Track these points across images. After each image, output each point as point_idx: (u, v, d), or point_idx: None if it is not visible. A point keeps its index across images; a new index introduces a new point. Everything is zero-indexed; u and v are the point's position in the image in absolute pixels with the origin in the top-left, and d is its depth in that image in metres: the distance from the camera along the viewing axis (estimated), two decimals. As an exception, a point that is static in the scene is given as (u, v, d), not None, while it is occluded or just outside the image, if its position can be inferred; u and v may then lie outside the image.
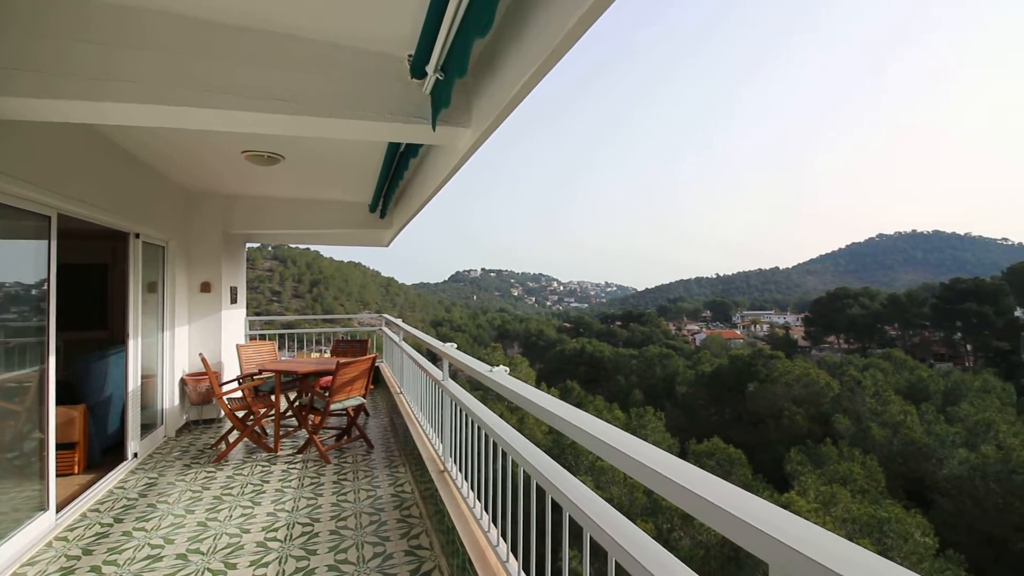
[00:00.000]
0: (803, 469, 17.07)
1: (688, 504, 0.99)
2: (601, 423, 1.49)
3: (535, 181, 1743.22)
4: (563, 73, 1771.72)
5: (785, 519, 0.84)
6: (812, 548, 0.76)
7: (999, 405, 27.42)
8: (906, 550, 11.83)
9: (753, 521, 0.84)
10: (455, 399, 3.08)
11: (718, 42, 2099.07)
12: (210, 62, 2.70)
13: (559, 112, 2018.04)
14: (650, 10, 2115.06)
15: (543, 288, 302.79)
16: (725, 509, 0.89)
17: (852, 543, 0.79)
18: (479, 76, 3.01)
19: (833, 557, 0.75)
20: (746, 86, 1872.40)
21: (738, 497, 0.92)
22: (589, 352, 45.60)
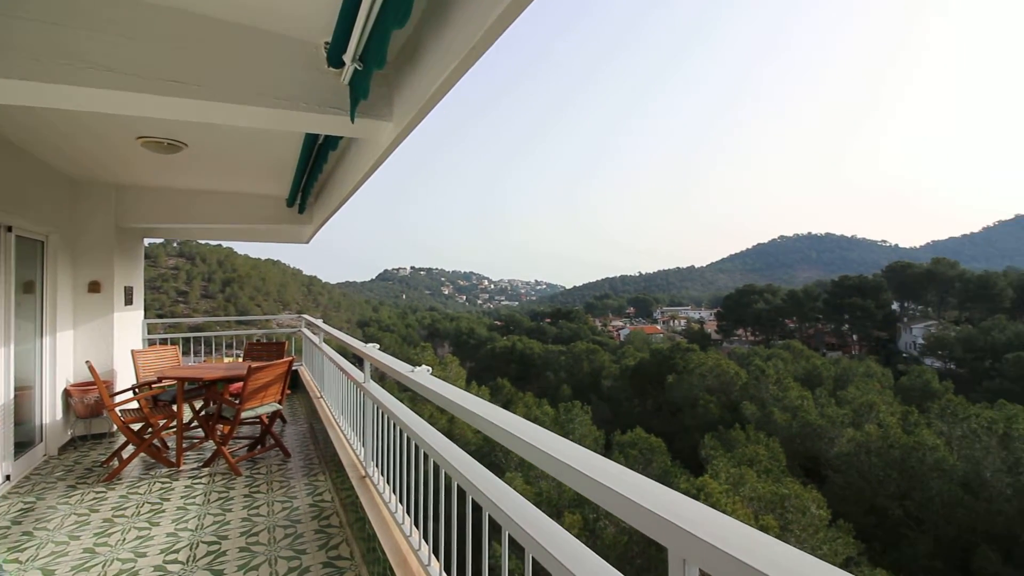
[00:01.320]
0: (715, 453, 18.37)
1: (593, 493, 1.02)
2: (515, 418, 1.49)
3: (469, 180, 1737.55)
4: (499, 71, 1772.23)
5: (683, 504, 0.88)
6: (706, 530, 0.80)
7: (879, 388, 31.00)
8: (803, 523, 13.09)
9: (651, 507, 0.87)
10: (377, 402, 2.98)
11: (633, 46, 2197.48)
12: (97, 36, 2.41)
13: (493, 111, 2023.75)
14: (572, 17, 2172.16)
15: (474, 286, 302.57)
16: (626, 496, 0.91)
17: (744, 524, 0.84)
18: (401, 69, 2.93)
19: (727, 538, 0.79)
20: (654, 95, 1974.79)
21: (638, 484, 0.95)
22: (519, 350, 46.16)
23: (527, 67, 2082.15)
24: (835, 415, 23.62)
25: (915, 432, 20.26)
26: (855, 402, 24.83)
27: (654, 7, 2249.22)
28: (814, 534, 13.07)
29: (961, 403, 23.65)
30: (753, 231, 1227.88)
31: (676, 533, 0.83)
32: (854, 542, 14.32)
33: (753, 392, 28.01)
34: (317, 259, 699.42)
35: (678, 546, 0.83)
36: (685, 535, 0.81)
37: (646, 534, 0.90)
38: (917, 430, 20.55)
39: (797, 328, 66.35)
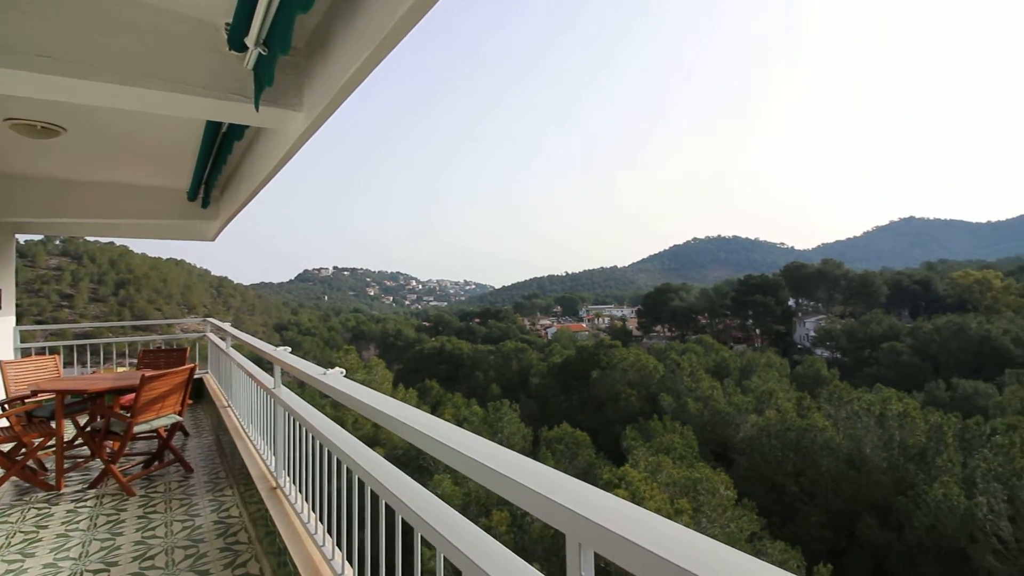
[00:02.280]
0: (636, 444, 19.30)
1: (493, 483, 1.02)
2: (426, 417, 1.47)
3: (400, 179, 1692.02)
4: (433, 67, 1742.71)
5: (577, 490, 0.90)
6: (599, 514, 0.83)
7: (778, 377, 34.01)
8: (714, 504, 14.10)
9: (547, 493, 0.89)
10: (288, 408, 2.83)
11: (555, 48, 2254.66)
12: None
13: (425, 108, 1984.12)
14: (500, 15, 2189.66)
15: (401, 287, 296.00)
16: (523, 484, 0.93)
17: (635, 506, 0.88)
18: (312, 58, 2.79)
19: (618, 521, 0.82)
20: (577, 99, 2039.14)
21: (536, 472, 0.97)
22: (448, 350, 45.76)
23: (458, 64, 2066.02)
24: (741, 403, 25.62)
25: (808, 416, 22.46)
26: (758, 390, 27.08)
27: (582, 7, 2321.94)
28: (723, 513, 14.11)
29: (845, 388, 26.53)
30: (670, 233, 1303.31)
31: (571, 518, 0.85)
32: (757, 518, 15.63)
33: (670, 384, 29.70)
34: (229, 258, 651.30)
35: (574, 531, 0.86)
36: (580, 520, 0.84)
37: (544, 521, 0.92)
38: (809, 414, 22.78)
39: (708, 323, 71.10)
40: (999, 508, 16.04)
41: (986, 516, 16.05)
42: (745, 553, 0.73)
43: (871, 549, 18.61)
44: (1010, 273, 69.72)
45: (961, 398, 29.94)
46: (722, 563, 0.70)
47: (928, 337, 42.83)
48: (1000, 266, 79.46)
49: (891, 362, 40.63)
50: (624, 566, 0.80)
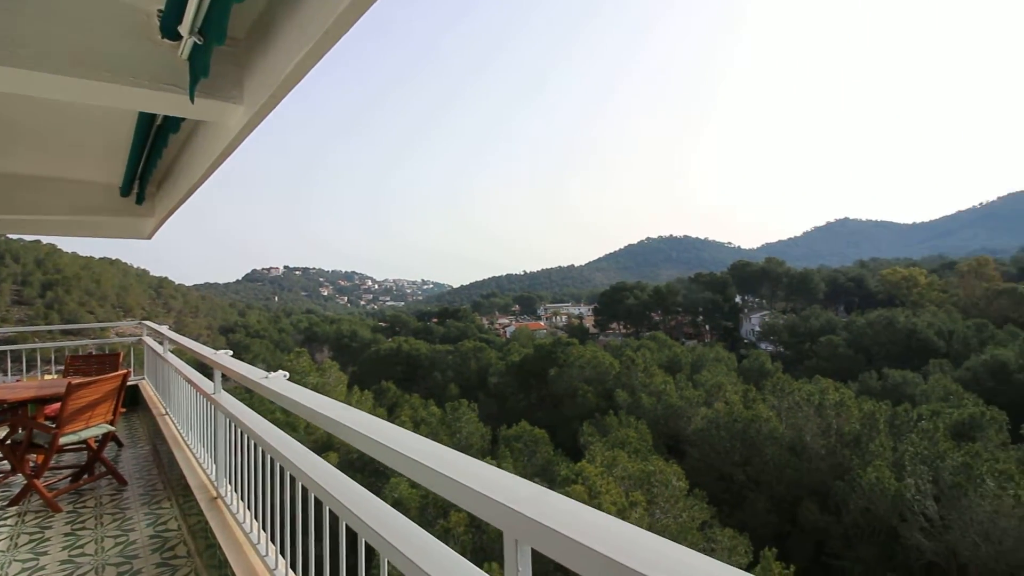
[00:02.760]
0: (592, 439, 19.67)
1: (432, 481, 1.02)
2: (367, 418, 1.45)
3: (355, 177, 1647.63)
4: (392, 62, 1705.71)
5: (515, 486, 0.91)
6: (536, 510, 0.83)
7: (726, 371, 35.44)
8: (667, 495, 14.56)
9: (484, 490, 0.89)
10: (229, 414, 2.71)
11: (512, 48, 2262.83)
12: None
13: (386, 105, 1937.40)
14: (456, 15, 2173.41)
15: (356, 287, 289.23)
16: (460, 481, 0.92)
17: (573, 501, 0.89)
18: (252, 49, 2.68)
19: (554, 516, 0.83)
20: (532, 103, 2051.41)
21: (474, 469, 0.97)
22: (406, 351, 45.09)
23: (417, 63, 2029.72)
24: (692, 396, 26.54)
25: (753, 407, 23.53)
26: (707, 384, 28.14)
27: (537, 7, 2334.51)
28: (675, 504, 14.58)
29: (787, 380, 27.95)
30: (625, 233, 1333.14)
31: (508, 514, 0.85)
32: (708, 507, 16.25)
33: (625, 380, 30.41)
34: (170, 257, 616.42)
35: (510, 527, 0.86)
36: (516, 516, 0.84)
37: (482, 518, 0.92)
38: (755, 405, 23.88)
39: (662, 320, 73.17)
40: (925, 488, 17.32)
41: (914, 496, 17.30)
42: (680, 545, 0.75)
43: (812, 532, 19.72)
44: (933, 270, 75.52)
45: (891, 387, 32.15)
46: (657, 555, 0.72)
47: (861, 331, 45.76)
48: (924, 264, 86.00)
49: (828, 354, 43.13)
50: (561, 561, 0.81)
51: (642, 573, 0.68)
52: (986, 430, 21.45)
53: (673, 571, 0.68)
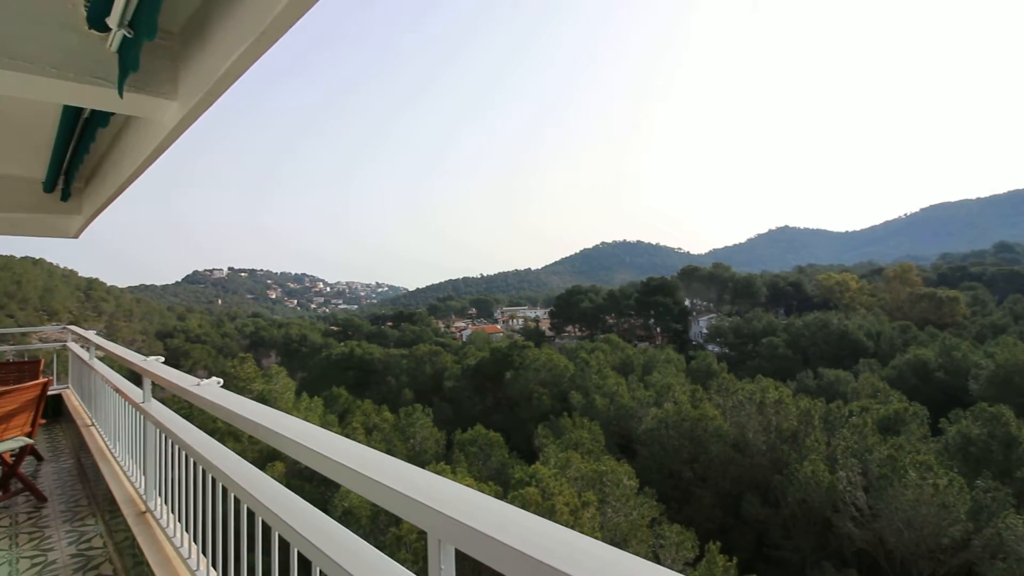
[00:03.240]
0: (547, 441, 19.87)
1: (355, 484, 1.03)
2: (300, 423, 1.43)
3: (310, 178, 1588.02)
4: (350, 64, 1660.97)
5: (439, 486, 0.93)
6: (459, 510, 0.86)
7: (676, 371, 36.63)
8: (618, 494, 14.90)
9: (408, 491, 0.91)
10: (159, 424, 2.58)
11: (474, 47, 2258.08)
12: None
13: (346, 105, 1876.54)
14: (416, 19, 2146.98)
15: (307, 289, 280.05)
16: (383, 483, 0.94)
17: (497, 501, 0.92)
18: (188, 43, 2.59)
19: (477, 516, 0.85)
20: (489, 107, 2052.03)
21: (398, 471, 0.99)
22: (358, 355, 44.03)
23: (376, 65, 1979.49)
24: (643, 397, 27.28)
25: (700, 406, 24.44)
26: (657, 385, 29.00)
27: (489, 11, 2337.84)
28: (626, 502, 14.94)
29: (732, 380, 29.20)
30: (581, 237, 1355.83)
31: (430, 515, 0.87)
32: (657, 504, 16.74)
33: (579, 382, 30.88)
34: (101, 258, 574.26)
35: (433, 528, 0.88)
36: (439, 516, 0.86)
37: (406, 519, 0.94)
38: (702, 404, 24.80)
39: (615, 323, 74.86)
40: (855, 480, 18.49)
41: (845, 488, 18.43)
42: (596, 540, 0.79)
43: (754, 524, 20.65)
44: (863, 276, 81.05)
45: (825, 385, 34.19)
46: (572, 550, 0.76)
47: (799, 332, 48.43)
48: (855, 270, 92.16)
49: (769, 355, 45.39)
50: (484, 561, 0.84)
51: (561, 570, 0.72)
52: (909, 424, 23.14)
53: (587, 566, 0.72)
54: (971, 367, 32.61)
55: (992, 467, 19.56)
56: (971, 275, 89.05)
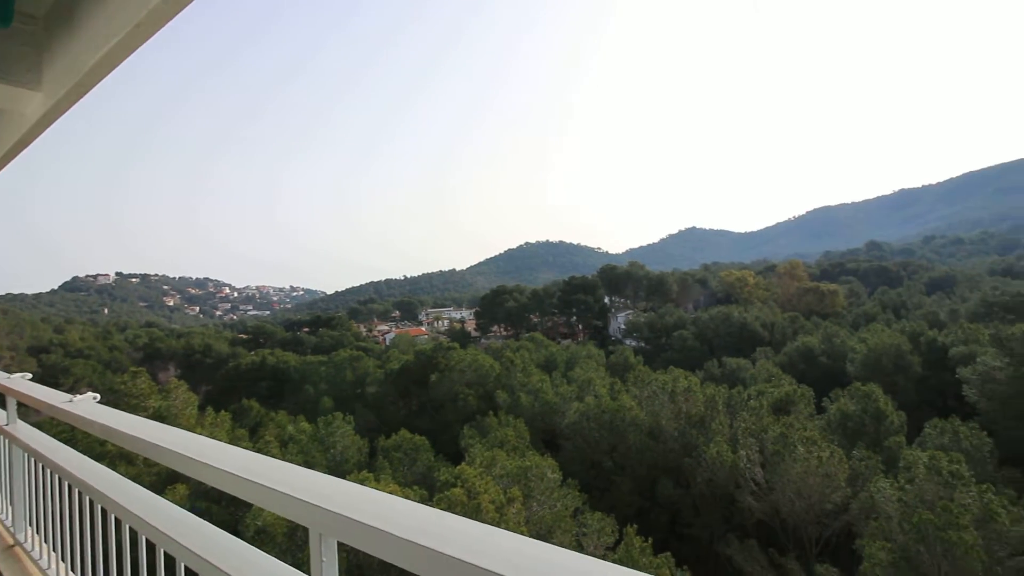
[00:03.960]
0: (473, 442, 19.94)
1: (233, 487, 1.03)
2: (184, 435, 1.38)
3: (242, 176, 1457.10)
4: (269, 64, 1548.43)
5: (318, 482, 0.96)
6: (339, 503, 0.90)
7: (596, 366, 38.14)
8: (542, 487, 15.32)
9: (286, 489, 0.93)
10: (28, 448, 2.34)
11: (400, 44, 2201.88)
12: None
13: (274, 99, 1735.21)
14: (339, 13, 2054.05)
15: (211, 295, 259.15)
16: (264, 484, 0.96)
17: (379, 492, 0.97)
18: (53, 32, 2.37)
19: (359, 507, 0.90)
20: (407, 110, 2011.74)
21: (280, 472, 1.01)
22: (271, 364, 41.50)
23: (302, 61, 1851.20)
24: (566, 392, 28.16)
25: (618, 398, 25.68)
26: (579, 380, 30.06)
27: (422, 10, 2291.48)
28: (550, 495, 15.39)
29: (647, 372, 30.93)
30: (505, 238, 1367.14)
31: (311, 511, 0.91)
32: (580, 495, 17.39)
33: (505, 381, 31.26)
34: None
35: (314, 523, 0.92)
36: (319, 511, 0.90)
37: (287, 517, 0.96)
38: (620, 396, 26.07)
39: (540, 322, 76.42)
40: (754, 458, 20.28)
41: (745, 465, 20.17)
42: (474, 522, 0.85)
43: (667, 505, 22.06)
44: (759, 272, 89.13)
45: (728, 373, 37.16)
46: (455, 533, 0.82)
47: (705, 325, 52.27)
48: (752, 267, 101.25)
49: (680, 347, 48.59)
50: (364, 549, 0.88)
51: (434, 549, 0.78)
52: (798, 404, 25.76)
53: (458, 543, 0.79)
54: (848, 351, 36.89)
55: (865, 438, 22.29)
56: (847, 270, 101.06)
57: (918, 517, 13.85)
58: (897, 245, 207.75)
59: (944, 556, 13.41)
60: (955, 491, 15.19)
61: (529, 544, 0.82)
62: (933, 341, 34.82)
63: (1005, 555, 14.56)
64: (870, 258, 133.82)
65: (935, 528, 13.48)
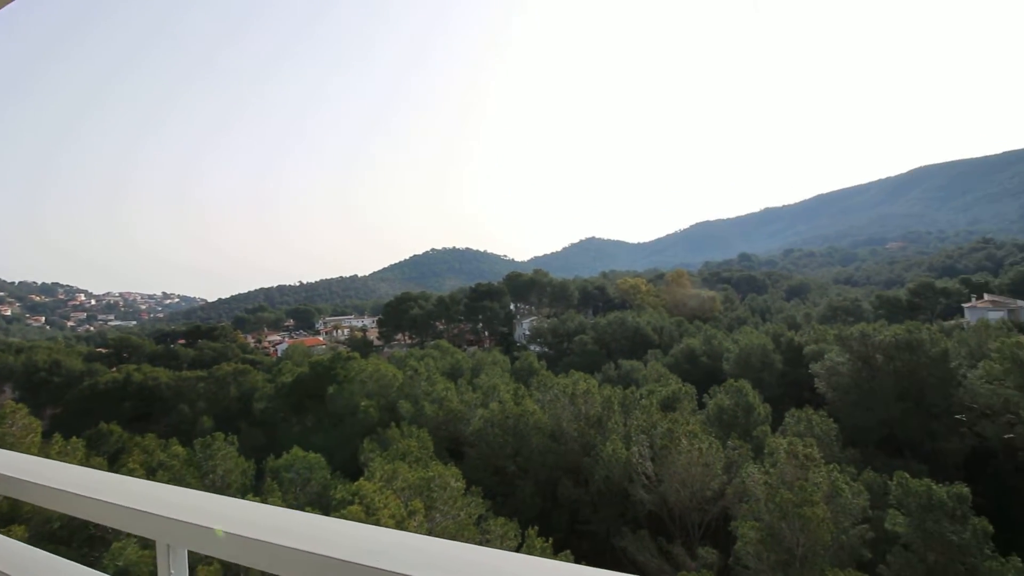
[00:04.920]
0: (373, 456, 19.16)
1: (81, 510, 0.91)
2: (18, 457, 1.18)
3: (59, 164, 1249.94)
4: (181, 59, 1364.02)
5: (164, 493, 0.87)
6: (190, 512, 0.82)
7: (501, 372, 38.62)
8: (445, 497, 15.12)
9: (129, 503, 0.83)
10: None
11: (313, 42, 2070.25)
12: None
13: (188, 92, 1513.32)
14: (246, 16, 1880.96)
15: (61, 303, 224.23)
16: (107, 501, 0.85)
17: (236, 499, 0.90)
18: None
19: (212, 512, 0.82)
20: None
21: (124, 487, 0.90)
22: (137, 382, 36.73)
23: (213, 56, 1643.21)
24: (471, 399, 28.16)
25: (522, 403, 26.19)
26: (485, 386, 30.23)
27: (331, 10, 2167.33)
28: (453, 504, 15.24)
29: (549, 376, 31.95)
30: (411, 244, 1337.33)
31: (158, 522, 0.82)
32: (483, 502, 17.42)
33: (408, 391, 30.52)
34: None
35: (162, 534, 0.83)
36: (167, 522, 0.81)
37: (133, 532, 0.86)
38: (524, 401, 26.60)
39: (445, 329, 75.81)
40: (644, 452, 21.70)
41: (637, 460, 21.51)
42: (329, 517, 0.82)
43: (568, 505, 22.86)
44: (650, 280, 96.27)
45: (624, 374, 39.56)
46: (306, 527, 0.78)
47: (603, 329, 55.22)
48: (645, 275, 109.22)
49: (580, 351, 50.84)
50: (219, 556, 0.81)
51: (288, 547, 0.73)
52: (682, 401, 28.07)
53: (319, 538, 0.75)
54: (724, 352, 40.99)
55: (737, 429, 24.83)
56: (724, 279, 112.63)
57: (779, 497, 15.68)
58: (763, 257, 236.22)
59: (801, 530, 15.31)
60: (809, 472, 17.43)
61: (411, 538, 0.81)
62: (791, 341, 39.89)
63: (849, 524, 17.00)
64: (742, 268, 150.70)
65: (793, 505, 15.36)
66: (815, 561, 14.97)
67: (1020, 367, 23.33)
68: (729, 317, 68.75)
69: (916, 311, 56.75)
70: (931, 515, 15.79)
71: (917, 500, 16.28)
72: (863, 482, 19.09)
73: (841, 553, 16.12)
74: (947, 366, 27.49)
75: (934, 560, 15.47)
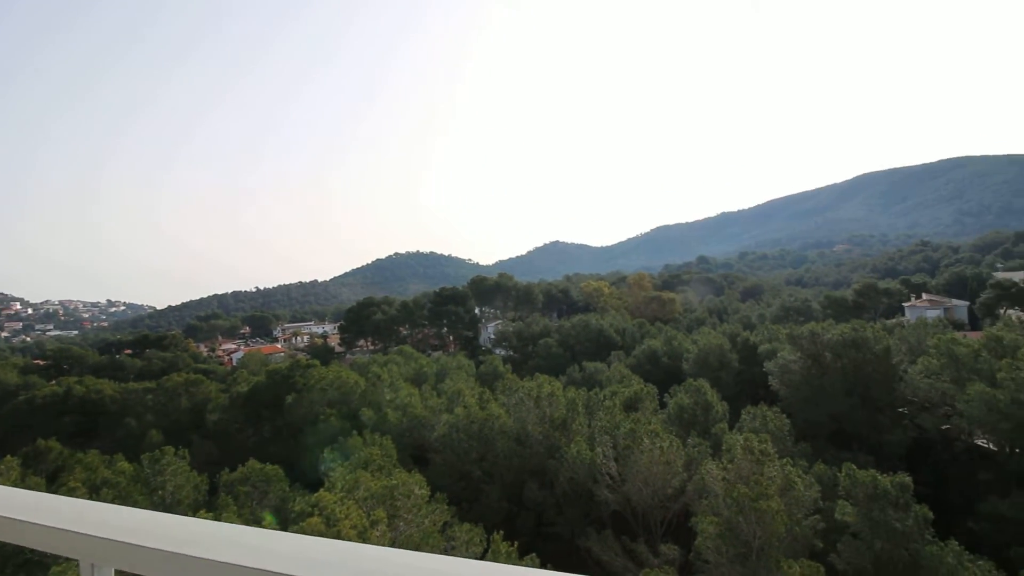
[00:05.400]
0: (334, 465, 18.67)
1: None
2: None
3: None
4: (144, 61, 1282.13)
5: (89, 510, 0.84)
6: (116, 530, 0.78)
7: (466, 376, 38.40)
8: (409, 505, 14.88)
9: (56, 523, 0.79)
10: None
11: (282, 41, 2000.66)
12: None
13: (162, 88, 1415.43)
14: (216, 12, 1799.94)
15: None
16: (26, 520, 0.80)
17: (165, 514, 0.86)
18: None
19: (140, 530, 0.79)
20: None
21: (46, 504, 0.86)
22: (79, 395, 34.56)
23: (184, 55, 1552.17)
24: (436, 405, 27.87)
25: (488, 407, 26.10)
26: (449, 391, 29.99)
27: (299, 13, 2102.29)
28: (417, 512, 15.02)
29: (515, 379, 31.98)
30: (373, 248, 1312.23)
31: (81, 541, 0.78)
32: (448, 508, 17.23)
33: (371, 397, 29.93)
34: None
35: (86, 553, 0.79)
36: (90, 540, 0.78)
37: (55, 552, 0.82)
38: (489, 405, 26.52)
39: (409, 334, 74.83)
40: (608, 453, 21.98)
41: (601, 461, 21.78)
42: (257, 529, 0.80)
43: (533, 508, 22.90)
44: (613, 283, 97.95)
45: (588, 376, 40.01)
46: (251, 542, 0.76)
47: (568, 332, 55.75)
48: (608, 278, 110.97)
49: (545, 354, 51.12)
50: (149, 575, 0.78)
51: (235, 563, 0.71)
52: (644, 401, 28.62)
53: (261, 551, 0.74)
54: (684, 352, 42.08)
55: (697, 427, 25.52)
56: (683, 281, 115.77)
57: (736, 492, 16.19)
58: (720, 259, 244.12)
59: (758, 523, 15.85)
60: (764, 467, 18.09)
61: (364, 548, 0.81)
62: (746, 341, 41.37)
63: (802, 516, 17.71)
64: (700, 270, 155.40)
65: (750, 500, 15.89)
66: (771, 553, 15.52)
67: (955, 362, 24.97)
68: (688, 318, 70.64)
69: (861, 310, 60.09)
70: (877, 504, 16.66)
71: (864, 490, 17.15)
72: (814, 475, 19.96)
73: (795, 544, 16.77)
74: (890, 362, 29.11)
75: (880, 547, 16.31)
